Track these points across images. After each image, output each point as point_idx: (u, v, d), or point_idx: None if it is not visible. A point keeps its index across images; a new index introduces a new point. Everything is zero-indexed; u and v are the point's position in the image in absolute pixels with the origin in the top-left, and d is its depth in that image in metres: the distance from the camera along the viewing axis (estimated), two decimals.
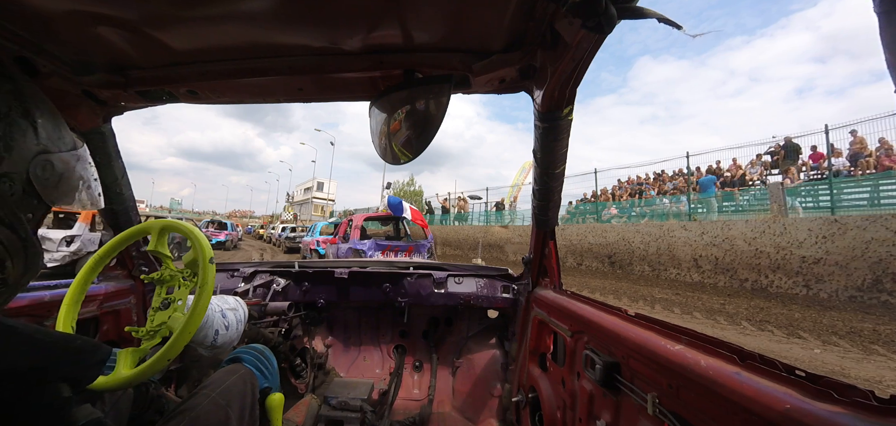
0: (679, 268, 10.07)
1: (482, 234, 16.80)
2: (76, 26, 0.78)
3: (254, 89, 1.06)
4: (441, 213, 22.24)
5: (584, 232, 13.27)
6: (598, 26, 0.66)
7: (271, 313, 1.77)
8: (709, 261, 9.41)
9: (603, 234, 12.51)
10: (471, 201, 20.52)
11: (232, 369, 1.00)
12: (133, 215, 1.43)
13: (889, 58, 0.37)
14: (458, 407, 1.96)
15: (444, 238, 19.14)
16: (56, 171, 0.57)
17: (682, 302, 7.68)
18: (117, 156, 1.31)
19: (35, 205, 0.55)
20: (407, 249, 8.04)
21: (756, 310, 6.84)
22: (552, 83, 0.92)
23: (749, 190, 10.55)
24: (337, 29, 0.82)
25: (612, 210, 13.75)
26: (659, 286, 9.54)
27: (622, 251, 11.65)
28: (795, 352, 4.60)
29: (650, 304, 7.56)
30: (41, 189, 0.55)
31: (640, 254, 11.11)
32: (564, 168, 1.23)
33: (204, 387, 0.88)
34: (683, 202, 11.63)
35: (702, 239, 9.71)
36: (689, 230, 10.13)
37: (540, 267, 1.55)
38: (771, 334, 5.41)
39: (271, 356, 1.24)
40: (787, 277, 7.91)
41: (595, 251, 12.58)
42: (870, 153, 8.76)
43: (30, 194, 0.54)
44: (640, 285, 9.75)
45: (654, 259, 10.71)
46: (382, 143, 1.01)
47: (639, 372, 0.82)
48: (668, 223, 10.95)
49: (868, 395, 0.46)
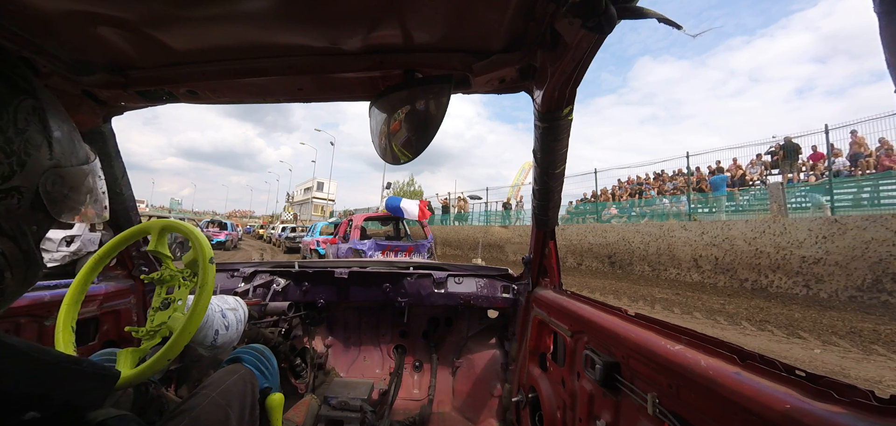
0: (679, 268, 10.08)
1: (482, 234, 16.77)
2: (76, 26, 0.78)
3: (254, 89, 1.06)
4: (441, 212, 22.22)
5: (584, 232, 13.29)
6: (598, 26, 0.66)
7: (271, 313, 1.77)
8: (709, 261, 9.42)
9: (603, 234, 12.52)
10: (471, 201, 20.51)
11: (232, 369, 1.00)
12: (133, 215, 1.43)
13: (889, 58, 0.37)
14: (458, 407, 1.96)
15: (445, 238, 19.11)
16: (66, 185, 0.56)
17: (682, 302, 7.67)
18: (117, 156, 1.31)
19: (40, 218, 0.55)
20: (407, 249, 8.03)
21: (756, 310, 6.83)
22: (552, 83, 0.92)
23: (748, 190, 10.56)
24: (337, 29, 0.82)
25: (612, 210, 13.74)
26: (659, 286, 9.53)
27: (622, 251, 11.66)
28: (795, 352, 4.60)
29: (650, 304, 7.55)
30: (49, 203, 0.54)
31: (640, 255, 11.12)
32: (564, 168, 1.23)
33: (204, 387, 0.88)
34: (683, 202, 11.65)
35: (702, 239, 9.72)
36: (690, 230, 10.14)
37: (540, 267, 1.55)
38: (771, 334, 5.41)
39: (271, 356, 1.24)
40: (787, 277, 7.92)
41: (595, 251, 12.58)
42: (870, 153, 8.76)
43: (37, 208, 0.53)
44: (641, 285, 9.74)
45: (654, 259, 10.72)
46: (382, 143, 1.01)
47: (639, 372, 0.82)
48: (667, 223, 10.98)
49: (868, 395, 0.46)
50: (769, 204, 9.31)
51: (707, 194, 11.33)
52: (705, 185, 11.52)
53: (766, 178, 10.77)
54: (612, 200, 14.41)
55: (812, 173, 9.82)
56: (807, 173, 9.97)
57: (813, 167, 9.89)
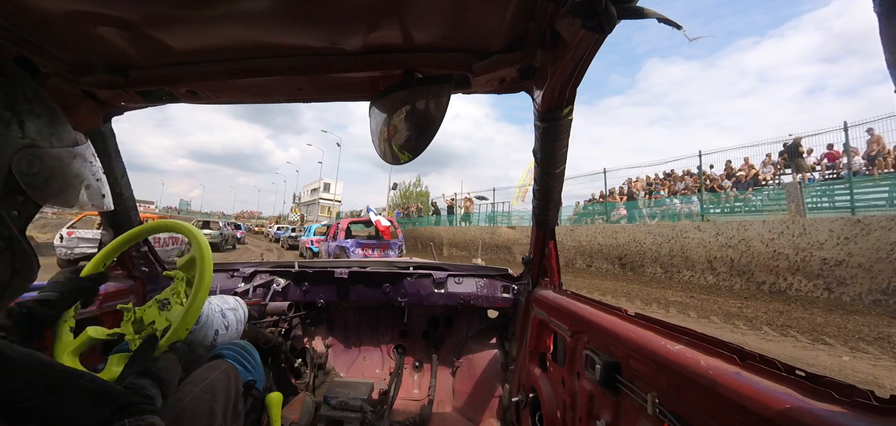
0: (693, 269, 9.68)
1: (489, 235, 16.54)
2: (76, 26, 0.78)
3: (254, 89, 1.06)
4: (447, 212, 22.12)
5: (594, 233, 12.81)
6: (598, 26, 0.66)
7: (271, 313, 1.77)
8: (724, 263, 9.01)
9: (613, 235, 12.01)
10: (477, 202, 20.39)
11: (214, 365, 1.01)
12: (133, 216, 1.43)
13: (889, 58, 0.37)
14: (458, 407, 1.96)
15: (451, 239, 18.88)
16: (45, 167, 0.54)
17: (698, 305, 7.46)
18: (117, 156, 1.31)
19: (20, 202, 0.52)
20: (381, 247, 10.57)
21: (776, 313, 6.62)
22: (552, 83, 0.92)
23: (762, 190, 10.17)
24: (337, 29, 0.82)
25: (621, 211, 13.32)
26: (672, 288, 9.21)
27: (633, 253, 11.27)
28: (823, 359, 4.43)
29: (664, 307, 7.37)
30: (26, 185, 0.51)
31: (652, 256, 10.71)
32: (564, 168, 1.23)
33: (187, 383, 0.88)
34: (695, 202, 11.24)
35: (716, 240, 9.29)
36: (704, 231, 9.73)
37: (540, 267, 1.55)
38: (794, 340, 5.24)
39: (254, 351, 1.25)
40: (808, 280, 7.62)
41: (605, 252, 12.14)
42: (888, 152, 8.39)
43: (13, 190, 0.51)
44: (653, 287, 9.50)
45: (667, 260, 10.32)
46: (382, 143, 1.01)
47: (639, 372, 0.82)
48: (680, 224, 10.59)
49: (868, 395, 0.46)
50: (786, 204, 8.92)
51: (718, 194, 10.97)
52: (718, 186, 11.11)
53: (780, 177, 10.43)
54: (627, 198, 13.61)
55: (831, 172, 9.43)
56: (822, 172, 9.59)
57: (832, 166, 9.47)
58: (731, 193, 10.73)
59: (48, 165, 0.54)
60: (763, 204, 9.88)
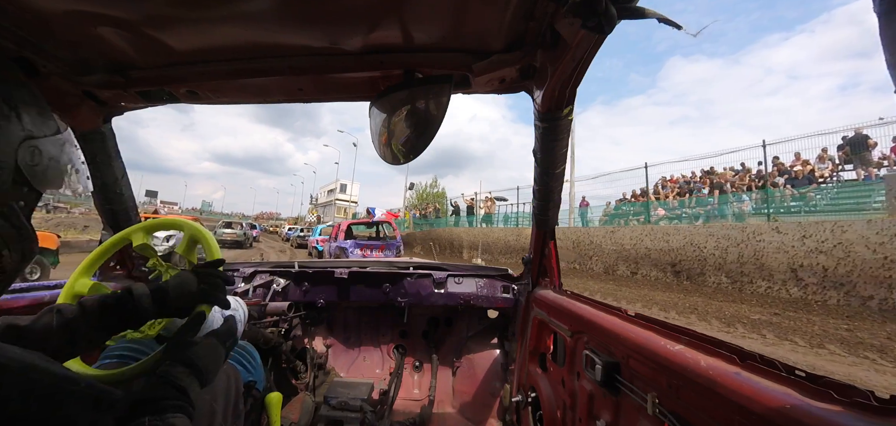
0: (770, 280, 7.90)
1: (514, 237, 15.01)
2: (76, 26, 0.79)
3: (254, 89, 1.06)
4: (466, 213, 21.48)
5: (640, 235, 10.81)
6: (598, 26, 0.66)
7: (271, 313, 1.77)
8: (814, 272, 7.29)
9: (665, 238, 10.09)
10: (497, 203, 19.95)
11: None
12: (133, 215, 1.43)
13: (889, 58, 0.37)
14: (458, 407, 1.96)
15: (472, 241, 17.45)
16: (44, 157, 0.56)
17: (791, 326, 5.85)
18: (117, 156, 1.31)
19: (25, 192, 0.55)
20: (380, 246, 11.30)
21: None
22: (552, 83, 0.92)
23: (849, 185, 8.67)
24: (337, 29, 0.82)
25: (660, 211, 11.86)
26: (746, 302, 7.46)
27: (690, 258, 9.44)
28: None
29: (748, 328, 5.70)
30: (30, 175, 0.54)
31: (715, 263, 8.89)
32: (564, 168, 1.24)
33: None
34: (746, 201, 9.90)
35: (803, 244, 7.53)
36: (784, 233, 7.93)
37: (540, 267, 1.55)
38: None
39: (254, 351, 1.26)
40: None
41: (653, 257, 10.26)
42: None
43: (19, 182, 0.54)
44: (718, 300, 7.74)
45: (735, 268, 8.53)
46: (382, 143, 1.01)
47: (639, 372, 0.82)
48: (752, 224, 8.78)
49: (868, 395, 0.46)
50: (887, 200, 7.46)
51: (782, 190, 9.45)
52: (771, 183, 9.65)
53: (840, 173, 9.13)
54: (689, 196, 11.79)
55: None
56: (890, 167, 8.24)
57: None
58: (793, 192, 9.23)
59: (46, 155, 0.57)
60: (856, 201, 8.20)
